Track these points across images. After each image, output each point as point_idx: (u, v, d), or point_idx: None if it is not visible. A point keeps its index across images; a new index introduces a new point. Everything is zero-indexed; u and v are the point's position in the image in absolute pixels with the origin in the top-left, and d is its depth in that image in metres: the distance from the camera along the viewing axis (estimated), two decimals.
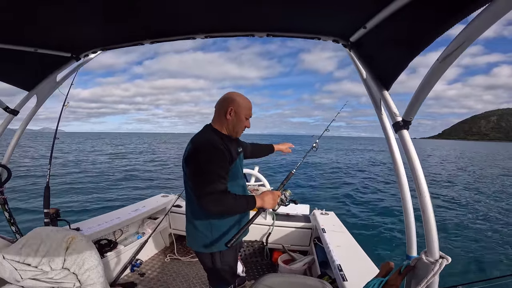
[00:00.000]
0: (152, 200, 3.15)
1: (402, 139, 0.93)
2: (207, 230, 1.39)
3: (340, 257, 1.86)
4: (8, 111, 1.61)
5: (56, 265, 1.49)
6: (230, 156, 1.36)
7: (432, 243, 0.84)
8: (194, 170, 1.27)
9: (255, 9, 1.00)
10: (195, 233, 1.42)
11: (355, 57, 1.18)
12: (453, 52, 0.67)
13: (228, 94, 1.42)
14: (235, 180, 1.43)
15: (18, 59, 1.36)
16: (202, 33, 1.22)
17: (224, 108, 1.39)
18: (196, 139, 1.37)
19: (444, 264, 0.79)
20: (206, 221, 1.39)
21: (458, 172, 18.12)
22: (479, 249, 5.14)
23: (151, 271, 2.55)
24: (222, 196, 1.20)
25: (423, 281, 0.79)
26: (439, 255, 0.83)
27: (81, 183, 10.27)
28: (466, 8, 0.63)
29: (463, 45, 0.64)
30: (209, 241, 1.39)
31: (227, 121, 1.40)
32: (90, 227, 2.24)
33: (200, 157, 1.26)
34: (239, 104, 1.39)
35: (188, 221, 1.47)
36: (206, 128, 1.44)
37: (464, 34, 0.63)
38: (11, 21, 1.00)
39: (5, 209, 1.77)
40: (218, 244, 1.40)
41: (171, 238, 3.05)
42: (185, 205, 1.50)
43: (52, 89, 1.70)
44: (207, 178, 1.21)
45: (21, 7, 0.90)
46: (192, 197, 1.35)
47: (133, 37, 1.28)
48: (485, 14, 0.57)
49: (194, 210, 1.41)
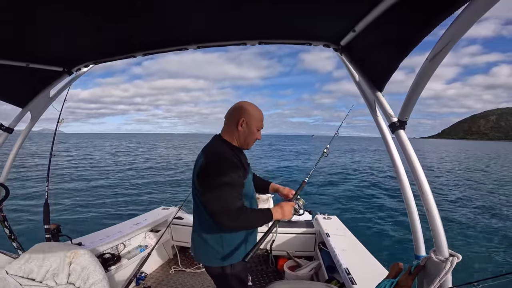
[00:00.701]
0: (153, 213, 3.12)
1: (399, 139, 0.94)
2: (218, 244, 1.32)
3: (347, 261, 1.84)
4: (2, 129, 1.59)
5: (61, 280, 1.47)
6: (244, 169, 1.31)
7: (440, 241, 0.84)
8: (208, 185, 1.20)
9: (246, 18, 1.02)
10: (205, 247, 1.35)
11: (347, 61, 1.20)
12: (441, 51, 0.69)
13: (240, 104, 1.35)
14: (249, 193, 1.37)
15: (10, 75, 1.35)
16: (195, 43, 1.23)
17: (235, 118, 1.31)
18: (209, 152, 1.29)
19: (455, 262, 0.79)
20: (217, 235, 1.32)
21: (458, 170, 18.16)
22: (490, 245, 5.09)
23: (157, 284, 2.51)
24: (240, 213, 1.16)
25: (436, 280, 0.79)
26: (449, 253, 0.83)
27: (80, 196, 10.17)
28: (449, 7, 0.65)
29: (450, 43, 0.66)
30: (220, 256, 1.33)
31: (238, 133, 1.33)
32: (92, 241, 2.21)
33: (215, 172, 1.19)
34: (251, 115, 1.31)
35: (196, 234, 1.40)
36: (216, 139, 1.37)
37: (449, 33, 0.65)
38: (1, 35, 1.00)
39: (5, 225, 1.75)
40: (229, 258, 1.34)
41: (174, 250, 3.01)
42: (193, 217, 1.44)
43: (45, 105, 1.69)
44: (223, 195, 1.15)
45: (11, 22, 0.90)
46: (203, 211, 1.29)
47: (125, 50, 1.29)
48: (466, 12, 0.59)
49: (203, 223, 1.34)
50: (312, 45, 1.22)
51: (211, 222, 1.25)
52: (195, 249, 1.44)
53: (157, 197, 10.42)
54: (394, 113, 0.99)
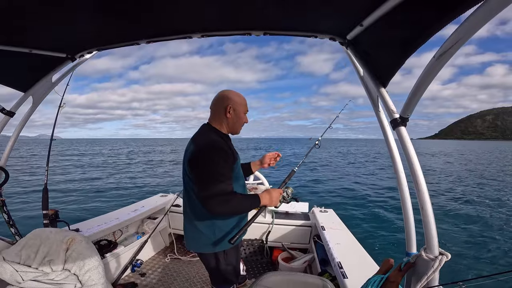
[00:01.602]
0: (151, 200, 3.14)
1: (399, 135, 0.94)
2: (210, 231, 1.37)
3: (340, 255, 1.87)
4: (4, 112, 1.60)
5: (57, 266, 1.49)
6: (233, 156, 1.35)
7: (431, 239, 0.85)
8: (199, 172, 1.25)
9: (253, 8, 1.00)
10: (197, 234, 1.39)
11: (352, 55, 1.19)
12: (449, 50, 0.68)
13: (223, 93, 1.41)
14: (238, 180, 1.42)
15: (12, 60, 1.35)
16: (199, 32, 1.21)
17: (222, 107, 1.37)
18: (198, 140, 1.34)
19: (444, 261, 0.80)
20: (209, 221, 1.36)
21: (457, 168, 18.25)
22: (479, 245, 5.17)
23: (152, 271, 2.56)
24: (229, 198, 1.21)
25: (424, 277, 0.80)
26: (438, 251, 0.84)
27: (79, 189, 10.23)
28: (460, 6, 0.64)
29: (458, 42, 0.65)
30: (212, 241, 1.38)
31: (227, 120, 1.39)
32: (89, 228, 2.23)
33: (205, 159, 1.24)
34: (236, 101, 1.38)
35: (187, 222, 1.44)
36: (205, 127, 1.41)
37: (459, 32, 0.64)
38: (4, 21, 0.99)
39: (4, 211, 1.76)
40: (221, 244, 1.39)
41: (170, 238, 3.05)
42: (183, 205, 1.47)
43: (47, 90, 1.68)
44: (213, 180, 1.20)
45: (14, 8, 0.89)
46: (194, 198, 1.33)
47: (128, 36, 1.27)
48: (478, 12, 0.58)
49: (195, 211, 1.38)
50: (318, 37, 1.20)
51: (202, 208, 1.29)
52: (186, 236, 1.47)
53: (155, 184, 10.48)
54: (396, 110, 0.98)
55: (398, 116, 0.95)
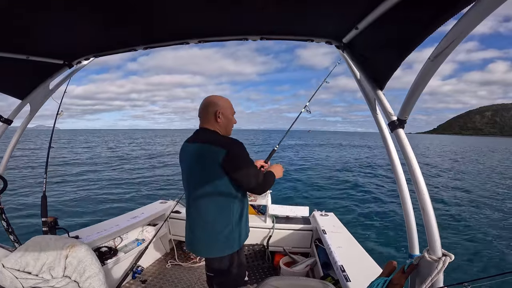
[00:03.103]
0: (150, 207, 3.12)
1: (398, 137, 0.95)
2: (228, 229, 1.42)
3: (342, 258, 1.86)
4: (1, 120, 1.59)
5: (57, 273, 1.48)
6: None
7: (433, 241, 0.85)
8: (240, 168, 1.37)
9: (249, 13, 1.01)
10: (213, 238, 1.41)
11: (348, 58, 1.20)
12: (444, 50, 0.68)
13: (208, 99, 1.48)
14: None
15: (9, 67, 1.34)
16: (195, 38, 1.23)
17: (211, 113, 1.44)
18: (224, 142, 1.38)
19: (447, 262, 0.80)
20: (228, 219, 1.42)
21: (454, 165, 18.25)
22: (483, 245, 5.13)
23: (153, 278, 2.53)
24: (267, 178, 1.47)
25: (428, 279, 0.80)
26: (441, 252, 0.84)
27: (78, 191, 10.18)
28: (454, 6, 0.64)
29: (453, 43, 0.66)
30: (228, 242, 1.42)
31: (219, 124, 1.46)
32: (89, 235, 2.21)
33: (242, 156, 1.38)
34: (223, 105, 1.46)
35: (200, 228, 1.44)
36: (208, 131, 1.46)
37: (454, 32, 0.64)
38: (1, 27, 0.99)
39: (3, 218, 1.75)
40: (235, 244, 1.45)
41: (171, 244, 3.02)
42: (190, 213, 1.47)
43: (45, 97, 1.69)
44: (255, 170, 1.41)
45: (11, 14, 0.89)
46: (218, 201, 1.40)
47: (126, 43, 1.28)
48: (472, 12, 0.59)
49: (213, 213, 1.40)
50: (314, 41, 1.21)
51: (222, 208, 1.40)
52: (198, 244, 1.47)
53: (155, 191, 10.44)
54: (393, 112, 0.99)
55: (396, 119, 0.96)
